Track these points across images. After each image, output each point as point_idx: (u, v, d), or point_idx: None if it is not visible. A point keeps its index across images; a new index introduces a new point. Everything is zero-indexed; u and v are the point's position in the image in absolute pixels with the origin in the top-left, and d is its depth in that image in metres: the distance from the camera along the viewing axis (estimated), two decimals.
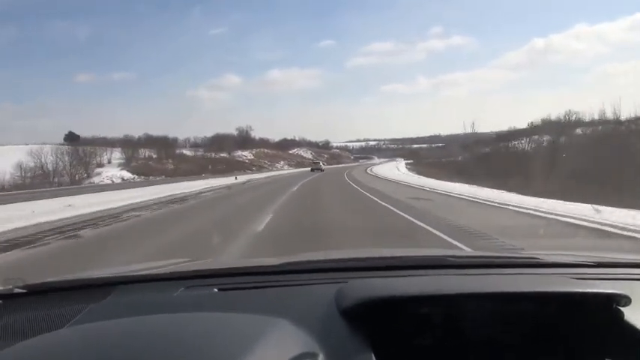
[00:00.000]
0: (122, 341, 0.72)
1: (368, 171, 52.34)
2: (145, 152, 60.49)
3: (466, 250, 5.13)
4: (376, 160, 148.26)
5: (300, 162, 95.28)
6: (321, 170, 53.25)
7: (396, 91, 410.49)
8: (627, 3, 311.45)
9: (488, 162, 44.67)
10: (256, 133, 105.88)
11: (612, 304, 1.00)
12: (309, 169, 57.01)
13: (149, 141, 65.80)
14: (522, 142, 51.70)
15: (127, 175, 45.23)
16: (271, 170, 66.35)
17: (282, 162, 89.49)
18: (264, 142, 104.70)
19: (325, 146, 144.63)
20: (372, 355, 0.85)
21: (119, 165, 51.69)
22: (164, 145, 64.91)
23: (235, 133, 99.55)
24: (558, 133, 45.05)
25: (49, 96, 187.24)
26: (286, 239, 7.29)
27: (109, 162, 54.12)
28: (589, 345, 1.03)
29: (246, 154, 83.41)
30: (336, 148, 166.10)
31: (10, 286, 1.23)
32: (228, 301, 1.16)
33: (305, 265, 1.46)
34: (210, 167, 54.66)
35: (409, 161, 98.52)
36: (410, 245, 6.59)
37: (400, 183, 27.55)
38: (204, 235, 8.22)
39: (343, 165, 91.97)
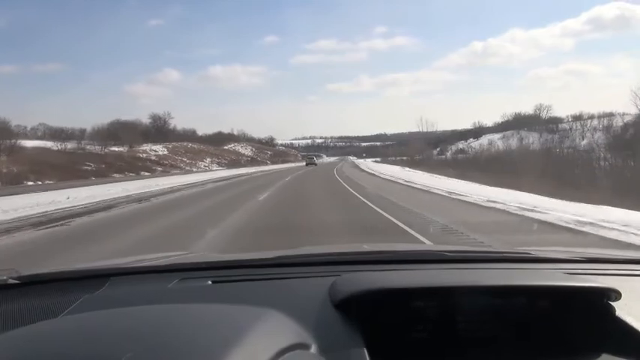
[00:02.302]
0: (114, 330, 0.71)
1: (368, 170, 28.79)
2: None
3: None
4: (325, 158, 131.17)
5: (235, 160, 71.61)
6: (315, 164, 55.11)
7: (342, 90, 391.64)
8: (556, 11, 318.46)
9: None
10: (192, 127, 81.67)
11: (603, 298, 1.02)
12: (305, 163, 56.94)
13: None
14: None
15: None
16: (188, 173, 43.26)
17: (208, 159, 65.20)
18: (188, 135, 79.99)
19: (269, 143, 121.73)
20: (364, 348, 0.85)
21: None
22: None
23: (148, 121, 74.85)
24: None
25: None
26: None
27: None
28: (582, 339, 1.04)
29: (157, 149, 58.69)
30: (282, 145, 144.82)
31: (4, 277, 1.19)
32: (222, 294, 1.16)
33: (299, 259, 1.43)
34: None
35: (377, 159, 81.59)
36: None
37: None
38: None
39: (293, 164, 69.90)
